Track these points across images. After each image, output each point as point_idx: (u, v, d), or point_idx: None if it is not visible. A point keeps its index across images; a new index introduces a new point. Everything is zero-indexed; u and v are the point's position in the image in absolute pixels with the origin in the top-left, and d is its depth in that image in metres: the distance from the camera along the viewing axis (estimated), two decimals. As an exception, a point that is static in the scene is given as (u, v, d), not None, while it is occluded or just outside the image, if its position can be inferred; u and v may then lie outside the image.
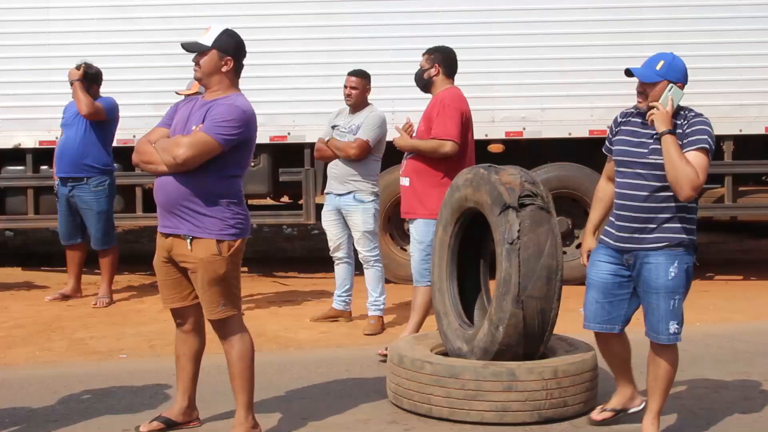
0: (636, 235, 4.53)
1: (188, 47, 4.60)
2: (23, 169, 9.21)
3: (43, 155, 8.97)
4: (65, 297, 8.24)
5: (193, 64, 4.59)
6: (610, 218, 4.67)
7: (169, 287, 4.70)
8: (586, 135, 8.94)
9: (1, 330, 7.18)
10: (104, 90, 8.11)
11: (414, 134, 6.35)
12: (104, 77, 8.13)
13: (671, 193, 4.44)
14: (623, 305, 4.66)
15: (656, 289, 4.50)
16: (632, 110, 4.68)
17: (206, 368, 5.10)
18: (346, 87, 7.20)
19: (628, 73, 4.56)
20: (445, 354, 5.34)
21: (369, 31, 8.91)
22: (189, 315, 4.75)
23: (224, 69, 4.57)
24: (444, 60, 6.34)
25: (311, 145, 8.07)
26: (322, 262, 8.71)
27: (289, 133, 9.05)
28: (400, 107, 8.31)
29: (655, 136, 4.47)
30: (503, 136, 9.02)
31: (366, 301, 7.26)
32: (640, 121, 4.60)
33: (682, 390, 5.51)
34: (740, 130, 8.96)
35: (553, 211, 5.09)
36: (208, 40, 4.54)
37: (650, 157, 4.49)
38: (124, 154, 7.91)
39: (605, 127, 8.73)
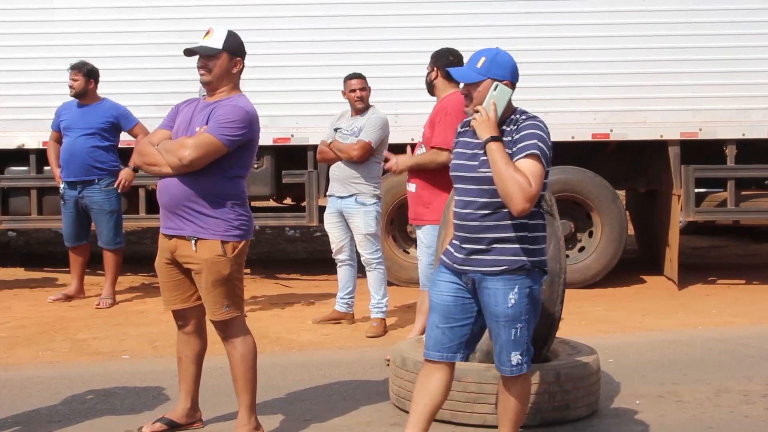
0: (472, 257, 3.99)
1: (199, 51, 4.52)
2: (26, 170, 9.24)
3: (46, 156, 8.97)
4: (68, 297, 8.25)
5: (198, 67, 4.54)
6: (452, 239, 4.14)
7: (170, 289, 4.70)
8: (589, 138, 8.93)
9: (4, 330, 7.19)
10: (109, 91, 8.13)
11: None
12: (108, 78, 8.15)
13: (507, 210, 3.89)
14: (465, 331, 4.11)
15: (495, 316, 4.00)
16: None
17: (209, 369, 5.11)
18: (354, 91, 7.14)
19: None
20: (448, 356, 5.33)
21: (372, 33, 8.91)
22: (191, 317, 4.75)
23: (234, 71, 4.57)
24: (442, 63, 6.26)
25: (314, 147, 8.07)
26: (325, 264, 8.72)
27: (292, 135, 9.06)
28: (403, 110, 8.33)
29: (481, 146, 3.94)
30: (506, 139, 9.00)
31: (368, 303, 7.26)
32: (473, 129, 4.03)
33: (683, 394, 5.51)
34: (743, 135, 8.96)
35: (556, 215, 5.09)
36: (216, 42, 4.50)
37: (480, 170, 3.95)
38: (129, 155, 7.92)
39: (608, 130, 8.83)
